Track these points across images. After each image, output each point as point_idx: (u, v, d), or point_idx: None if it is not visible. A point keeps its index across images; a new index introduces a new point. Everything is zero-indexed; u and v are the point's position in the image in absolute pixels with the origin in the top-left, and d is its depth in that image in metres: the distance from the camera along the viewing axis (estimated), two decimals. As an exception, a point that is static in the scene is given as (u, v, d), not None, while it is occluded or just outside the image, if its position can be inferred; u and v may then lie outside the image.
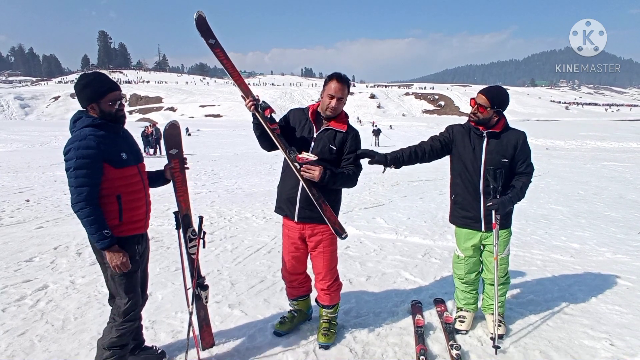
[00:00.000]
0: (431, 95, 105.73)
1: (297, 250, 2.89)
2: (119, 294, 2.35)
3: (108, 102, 2.25)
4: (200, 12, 2.63)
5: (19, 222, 6.26)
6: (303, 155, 2.62)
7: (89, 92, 2.24)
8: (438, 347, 2.85)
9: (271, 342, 2.92)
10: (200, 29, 2.64)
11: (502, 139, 2.85)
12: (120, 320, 2.35)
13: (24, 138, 28.05)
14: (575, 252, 5.05)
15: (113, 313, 2.40)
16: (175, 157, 2.61)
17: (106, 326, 2.42)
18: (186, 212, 2.64)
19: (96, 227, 2.15)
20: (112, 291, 2.39)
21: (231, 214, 6.89)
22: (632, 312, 3.38)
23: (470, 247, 3.00)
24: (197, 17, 2.62)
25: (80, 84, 2.27)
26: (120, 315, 2.35)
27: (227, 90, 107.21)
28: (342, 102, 2.69)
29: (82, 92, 2.25)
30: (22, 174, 11.70)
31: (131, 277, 2.35)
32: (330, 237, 2.82)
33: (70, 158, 2.13)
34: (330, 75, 2.70)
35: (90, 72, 2.39)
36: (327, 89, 2.68)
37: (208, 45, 2.67)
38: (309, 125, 2.75)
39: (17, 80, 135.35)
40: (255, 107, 2.64)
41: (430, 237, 5.59)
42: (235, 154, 18.88)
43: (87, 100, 2.24)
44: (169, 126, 2.61)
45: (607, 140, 27.87)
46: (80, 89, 2.26)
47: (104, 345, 2.36)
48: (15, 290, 3.77)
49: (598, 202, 8.24)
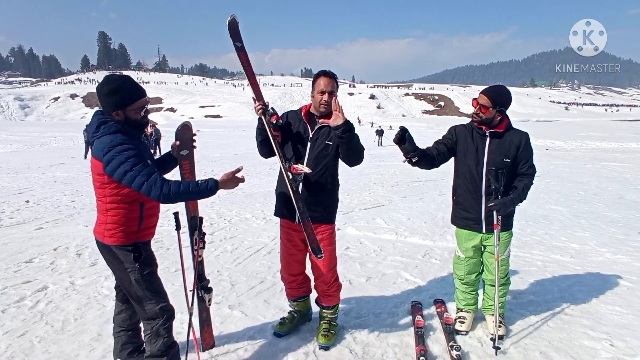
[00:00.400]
0: (431, 96, 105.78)
1: (297, 251, 2.89)
2: (146, 296, 2.28)
3: (135, 109, 2.19)
4: (234, 16, 2.68)
5: (18, 223, 6.26)
6: (298, 166, 2.63)
7: (116, 99, 2.14)
8: (438, 348, 2.85)
9: (271, 343, 2.91)
10: (231, 31, 2.68)
11: (505, 138, 2.84)
12: (162, 320, 2.30)
13: (23, 139, 28.05)
14: (576, 252, 5.05)
15: (148, 318, 2.30)
16: (186, 159, 2.59)
17: (147, 336, 2.33)
18: (194, 214, 2.64)
19: (196, 189, 2.16)
20: (140, 296, 2.28)
21: (231, 214, 6.89)
22: (632, 312, 3.38)
23: (470, 248, 3.00)
24: (230, 20, 2.68)
25: (107, 88, 2.14)
26: (157, 315, 2.29)
27: (227, 91, 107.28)
28: (333, 95, 2.69)
29: (109, 98, 2.14)
30: (22, 174, 11.70)
31: (155, 277, 2.34)
32: (329, 237, 2.83)
33: (121, 162, 2.04)
34: (317, 73, 2.73)
35: (117, 76, 2.22)
36: (316, 87, 2.70)
37: (235, 46, 2.70)
38: (304, 126, 2.76)
39: (17, 81, 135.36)
40: (263, 111, 2.65)
41: (430, 238, 5.58)
42: (235, 154, 18.88)
43: (114, 107, 2.15)
44: (182, 127, 2.58)
45: (606, 141, 27.91)
46: (107, 94, 2.14)
47: (160, 351, 2.30)
48: (15, 291, 3.76)
49: (598, 203, 8.23)
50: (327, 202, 2.78)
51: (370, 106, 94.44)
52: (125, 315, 2.52)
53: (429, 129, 48.80)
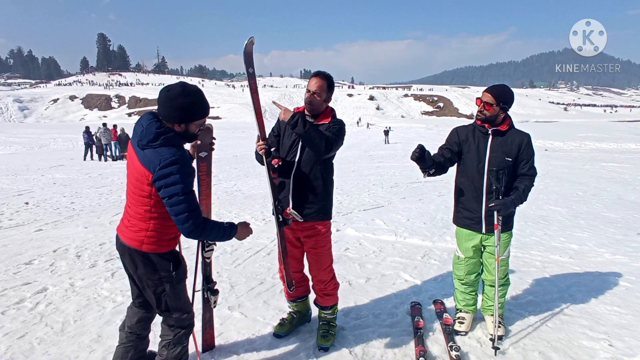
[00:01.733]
0: (430, 97, 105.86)
1: (294, 248, 2.92)
2: (177, 306, 2.27)
3: (198, 124, 2.16)
4: (252, 39, 2.56)
5: (18, 225, 6.26)
6: (290, 211, 2.67)
7: (191, 113, 2.10)
8: (437, 349, 2.85)
9: (271, 344, 2.92)
10: (246, 56, 2.56)
11: (507, 137, 2.86)
12: (186, 330, 2.32)
13: (23, 140, 28.05)
14: (574, 253, 5.06)
15: (176, 326, 2.30)
16: (204, 160, 2.62)
17: (164, 344, 2.32)
18: (206, 215, 2.66)
19: (222, 231, 2.17)
20: (170, 305, 2.27)
21: (230, 216, 6.90)
22: (631, 312, 3.39)
23: (470, 248, 3.00)
24: (248, 43, 2.53)
25: (185, 101, 2.07)
26: (184, 326, 2.30)
27: (227, 92, 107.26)
28: (318, 96, 2.68)
29: (184, 110, 2.08)
30: (21, 176, 11.70)
31: (184, 287, 2.32)
32: (323, 237, 2.84)
33: (176, 182, 1.99)
34: (313, 73, 2.76)
35: (196, 89, 2.13)
36: (307, 86, 2.74)
37: (247, 72, 2.59)
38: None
39: (16, 82, 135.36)
40: (267, 152, 2.62)
41: (429, 239, 5.59)
42: (235, 155, 18.87)
43: (182, 120, 2.09)
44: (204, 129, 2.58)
45: (605, 141, 27.95)
46: (182, 105, 2.07)
47: (177, 357, 2.31)
48: (15, 292, 3.76)
49: (597, 203, 8.25)
50: (318, 200, 2.77)
51: (370, 107, 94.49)
52: (145, 324, 2.47)
53: (428, 129, 48.87)
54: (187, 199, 2.01)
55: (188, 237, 2.12)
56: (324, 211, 2.82)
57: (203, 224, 2.08)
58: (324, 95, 2.70)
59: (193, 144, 2.58)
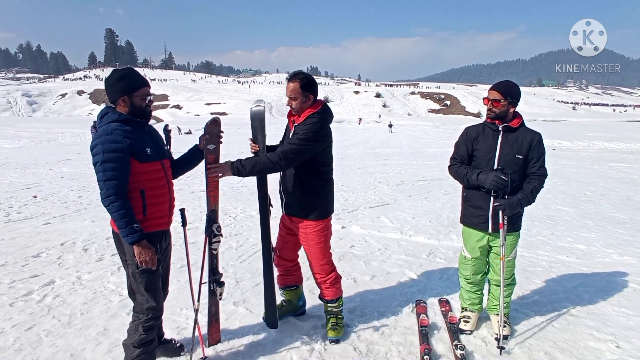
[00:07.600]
0: (437, 95, 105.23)
1: (288, 235, 3.01)
2: (139, 291, 2.36)
3: (140, 96, 2.30)
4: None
5: (26, 218, 6.32)
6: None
7: (122, 85, 2.27)
8: (442, 347, 2.85)
9: (275, 340, 2.93)
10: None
11: (518, 135, 2.83)
12: (144, 318, 2.36)
13: (31, 135, 28.29)
14: (582, 253, 5.02)
15: (136, 310, 2.41)
16: (212, 153, 2.69)
17: (130, 325, 2.43)
18: (214, 208, 2.71)
19: (126, 221, 2.17)
20: (134, 288, 2.40)
21: (236, 211, 6.92)
22: (638, 314, 3.35)
23: (477, 248, 2.99)
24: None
25: (114, 77, 2.29)
26: (143, 312, 2.36)
27: (233, 88, 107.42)
28: (294, 100, 2.74)
29: (116, 85, 2.27)
30: (30, 170, 11.80)
31: (152, 275, 2.35)
32: (315, 234, 2.87)
33: (98, 152, 2.16)
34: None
35: (124, 67, 2.42)
36: None
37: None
38: (288, 125, 2.94)
39: (25, 77, 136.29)
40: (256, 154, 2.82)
41: (435, 237, 5.57)
42: (241, 152, 18.90)
43: (120, 93, 2.27)
44: (211, 122, 2.69)
45: (614, 141, 27.60)
46: (113, 81, 2.28)
47: (134, 344, 2.37)
48: (23, 285, 3.81)
49: (605, 204, 8.17)
50: (304, 199, 2.83)
51: (376, 105, 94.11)
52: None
53: (434, 127, 48.59)
54: (102, 168, 2.15)
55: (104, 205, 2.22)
56: (309, 211, 2.84)
57: (114, 199, 2.15)
58: (300, 97, 2.74)
59: (202, 137, 2.61)
